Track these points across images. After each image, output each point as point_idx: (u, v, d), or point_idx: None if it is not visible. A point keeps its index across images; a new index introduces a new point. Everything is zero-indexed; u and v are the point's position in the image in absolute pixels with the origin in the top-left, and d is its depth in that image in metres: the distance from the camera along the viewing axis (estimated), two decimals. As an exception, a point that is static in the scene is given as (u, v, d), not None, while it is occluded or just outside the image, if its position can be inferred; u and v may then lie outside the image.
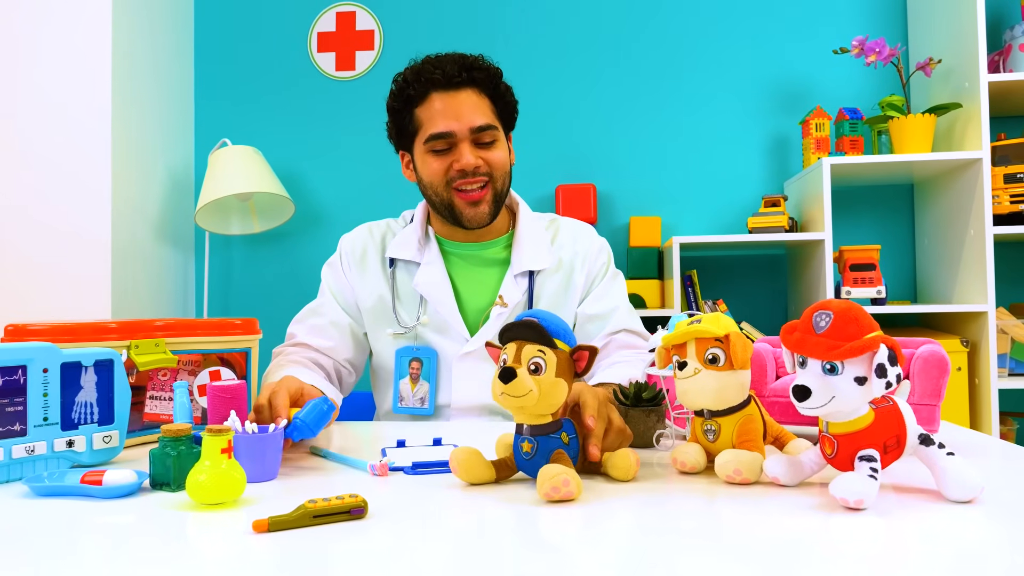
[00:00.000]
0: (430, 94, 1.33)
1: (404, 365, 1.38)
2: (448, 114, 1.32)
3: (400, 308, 1.41)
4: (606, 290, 1.45)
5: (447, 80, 1.32)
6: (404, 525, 0.71)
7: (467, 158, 1.32)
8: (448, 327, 1.38)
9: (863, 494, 0.71)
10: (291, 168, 2.86)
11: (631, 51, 2.79)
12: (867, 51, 2.36)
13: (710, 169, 2.74)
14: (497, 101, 1.38)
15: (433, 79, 1.32)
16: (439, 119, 1.32)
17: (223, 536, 0.69)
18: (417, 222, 1.45)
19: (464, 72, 1.33)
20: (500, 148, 1.38)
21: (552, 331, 0.83)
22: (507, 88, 1.40)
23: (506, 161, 1.39)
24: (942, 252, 2.46)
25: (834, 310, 0.75)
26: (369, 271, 1.43)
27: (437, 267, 1.40)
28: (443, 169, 1.34)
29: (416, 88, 1.34)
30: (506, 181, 1.40)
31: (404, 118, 1.37)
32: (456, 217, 1.37)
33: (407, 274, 1.42)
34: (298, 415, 0.95)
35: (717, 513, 0.75)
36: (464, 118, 1.32)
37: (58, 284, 2.36)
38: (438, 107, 1.33)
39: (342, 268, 1.45)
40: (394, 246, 1.43)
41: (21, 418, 0.88)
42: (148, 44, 2.64)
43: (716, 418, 0.86)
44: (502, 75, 1.40)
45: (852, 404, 0.74)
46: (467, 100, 1.33)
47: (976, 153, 2.22)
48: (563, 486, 0.76)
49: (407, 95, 1.35)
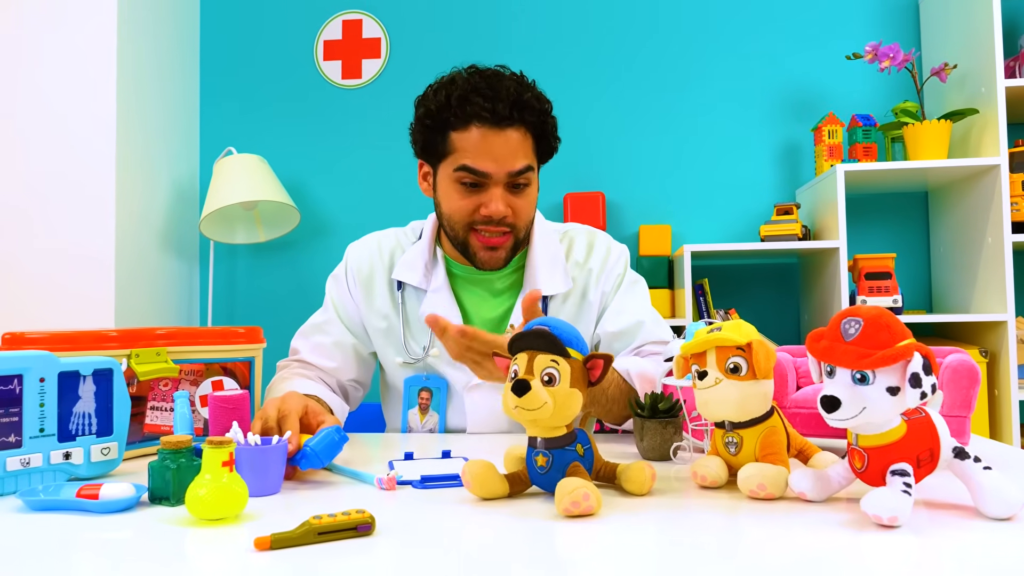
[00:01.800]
0: (472, 124, 1.21)
1: (413, 395, 1.32)
2: (488, 154, 1.21)
3: (409, 337, 1.33)
4: (625, 302, 1.36)
5: (495, 117, 1.20)
6: (414, 542, 0.68)
7: (496, 205, 1.22)
8: None
9: (897, 511, 0.67)
10: (297, 177, 2.84)
11: (640, 58, 2.77)
12: (880, 57, 2.33)
13: (721, 177, 2.71)
14: (541, 142, 1.28)
15: (480, 115, 1.20)
16: (477, 156, 1.21)
17: (224, 553, 0.66)
18: (426, 241, 1.36)
19: (515, 112, 1.21)
20: (531, 192, 1.28)
21: (565, 340, 0.80)
22: (554, 126, 1.30)
23: (534, 206, 1.30)
24: (959, 260, 2.42)
25: (864, 316, 0.71)
26: (376, 292, 1.36)
27: (444, 295, 1.32)
28: (469, 209, 1.24)
29: (458, 114, 1.21)
30: (529, 227, 1.31)
31: (436, 136, 1.25)
32: (470, 257, 1.29)
33: (416, 300, 1.34)
34: (309, 443, 0.91)
35: (740, 529, 0.71)
36: (504, 161, 1.21)
37: (61, 293, 2.35)
38: (477, 141, 1.21)
39: (347, 285, 1.38)
40: (401, 267, 1.34)
41: (16, 429, 0.85)
42: (153, 52, 2.63)
43: (738, 430, 0.83)
44: (551, 109, 1.29)
45: (884, 415, 0.70)
46: (510, 141, 1.21)
47: (993, 159, 2.19)
48: (583, 500, 0.72)
49: (446, 117, 1.22)
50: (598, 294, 1.36)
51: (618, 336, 1.33)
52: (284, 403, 1.00)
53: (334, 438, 0.91)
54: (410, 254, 1.36)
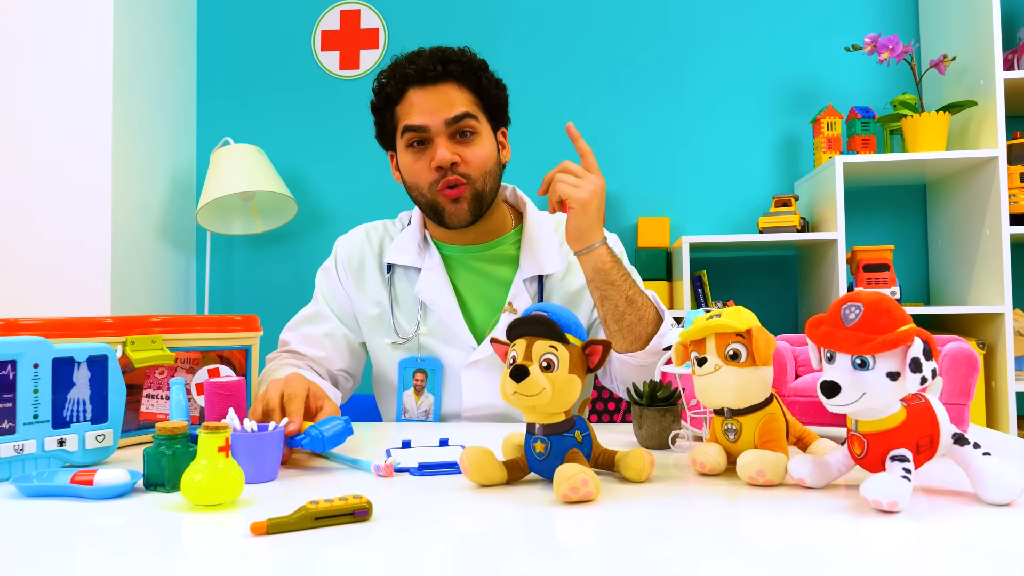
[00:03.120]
0: (407, 90, 1.27)
1: (408, 377, 1.32)
2: (424, 109, 1.26)
3: (400, 316, 1.34)
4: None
5: (421, 75, 1.26)
6: (411, 528, 0.67)
7: (442, 153, 1.24)
8: (453, 335, 1.31)
9: (897, 496, 0.67)
10: (294, 167, 2.83)
11: (639, 50, 2.75)
12: (880, 48, 2.32)
13: (719, 169, 2.70)
14: (482, 95, 1.30)
15: (407, 75, 1.26)
16: (413, 114, 1.26)
17: (219, 539, 0.65)
18: (415, 225, 1.38)
19: (440, 65, 1.26)
20: (481, 143, 1.29)
21: (563, 325, 0.80)
22: (493, 81, 1.32)
23: (488, 158, 1.29)
24: (957, 252, 2.41)
25: (864, 302, 0.71)
26: (367, 280, 1.37)
27: (438, 273, 1.33)
28: (423, 169, 1.27)
29: (393, 85, 1.28)
30: (488, 179, 1.30)
31: (385, 117, 1.32)
32: (440, 217, 1.29)
33: (406, 280, 1.35)
34: (316, 426, 0.90)
35: (739, 516, 0.71)
36: (438, 112, 1.25)
37: (57, 283, 2.33)
38: (413, 102, 1.27)
39: (338, 276, 1.39)
40: (392, 251, 1.36)
41: (10, 415, 0.84)
42: (150, 41, 2.61)
43: (737, 417, 0.82)
44: (486, 67, 1.32)
45: (884, 401, 0.70)
46: (444, 94, 1.26)
47: (992, 151, 2.18)
48: (582, 486, 0.72)
49: (386, 93, 1.30)
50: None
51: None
52: (288, 385, 1.00)
53: (340, 427, 0.90)
54: (401, 239, 1.38)
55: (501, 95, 1.34)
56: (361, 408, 1.65)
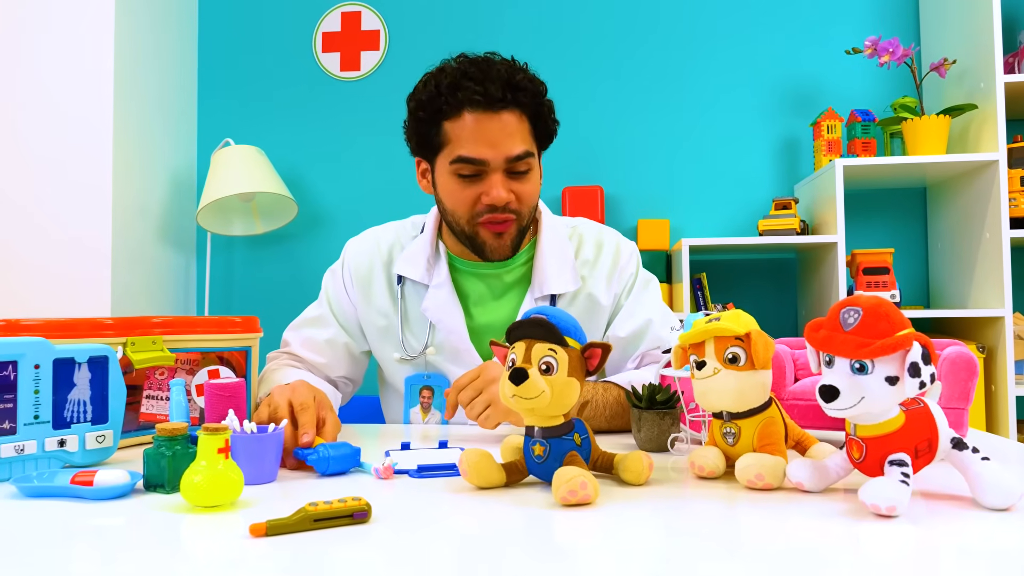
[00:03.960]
0: (464, 111, 1.17)
1: (415, 394, 1.30)
2: (483, 140, 1.17)
3: (408, 333, 1.31)
4: (636, 305, 1.32)
5: (488, 101, 1.16)
6: (410, 529, 0.68)
7: (498, 192, 1.18)
8: (460, 354, 1.28)
9: (895, 500, 0.67)
10: (294, 169, 2.83)
11: (639, 51, 2.76)
12: (880, 51, 2.32)
13: (719, 171, 2.70)
14: (537, 124, 1.23)
15: (473, 99, 1.16)
16: (472, 143, 1.17)
17: (218, 540, 0.65)
18: (428, 235, 1.32)
19: (508, 93, 1.17)
20: (533, 178, 1.24)
21: (563, 328, 0.80)
22: (550, 108, 1.25)
23: (536, 191, 1.26)
24: (957, 256, 2.41)
25: (863, 306, 0.71)
26: (375, 291, 1.32)
27: (446, 290, 1.28)
28: (470, 200, 1.20)
29: (450, 101, 1.17)
30: (532, 213, 1.27)
31: (430, 129, 1.21)
32: (477, 250, 1.25)
33: (416, 295, 1.31)
34: (327, 446, 0.88)
35: (738, 519, 0.71)
36: (501, 146, 1.17)
37: (58, 284, 2.34)
38: (472, 128, 1.17)
39: (344, 283, 1.35)
40: (402, 262, 1.31)
41: (10, 416, 0.84)
42: (151, 42, 2.62)
43: (736, 420, 0.82)
44: (546, 91, 1.24)
45: (883, 405, 0.70)
46: (506, 125, 1.17)
47: (992, 155, 2.18)
48: (580, 489, 0.72)
49: (438, 107, 1.18)
50: (610, 297, 1.32)
51: (629, 341, 1.31)
52: (295, 393, 0.99)
53: (349, 454, 0.88)
54: (411, 248, 1.32)
55: (553, 125, 1.27)
56: (365, 409, 1.65)
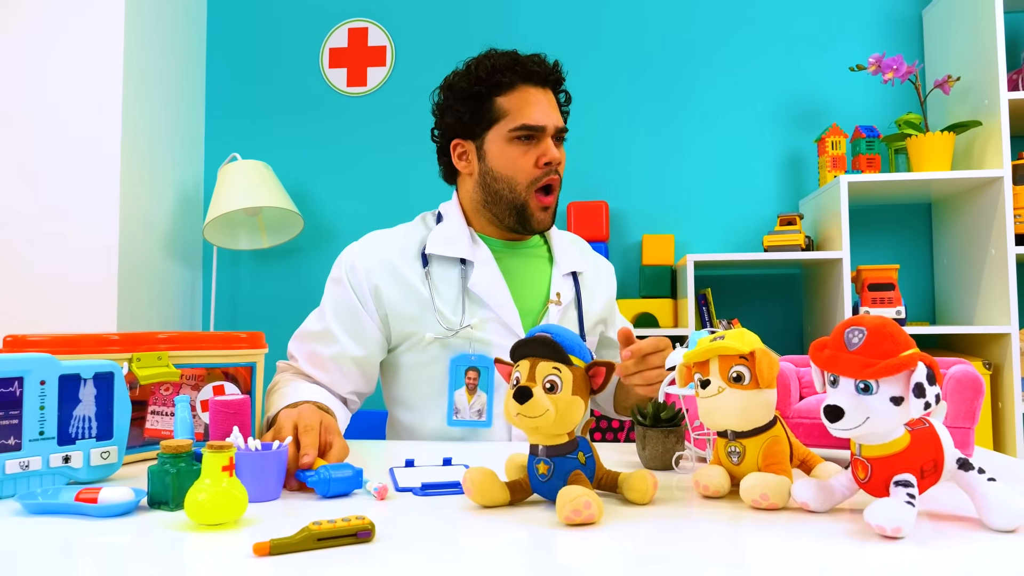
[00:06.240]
0: (518, 85, 1.32)
1: (460, 375, 1.28)
2: (542, 108, 1.32)
3: (444, 310, 1.30)
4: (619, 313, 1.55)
5: (543, 76, 1.33)
6: (414, 549, 0.67)
7: (554, 152, 1.32)
8: (506, 329, 1.30)
9: (901, 521, 0.66)
10: (301, 183, 2.84)
11: (644, 68, 2.77)
12: (884, 68, 2.33)
13: (724, 187, 2.71)
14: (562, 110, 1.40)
15: (531, 72, 1.32)
16: (533, 111, 1.31)
17: (223, 559, 0.65)
18: (458, 218, 1.38)
19: (555, 74, 1.35)
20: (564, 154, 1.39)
21: (567, 347, 0.80)
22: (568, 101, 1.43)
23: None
24: (962, 272, 2.41)
25: (868, 326, 0.71)
26: (398, 280, 1.31)
27: (491, 266, 1.33)
28: (531, 163, 1.32)
29: (508, 76, 1.31)
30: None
31: (482, 104, 1.33)
32: (524, 219, 1.34)
33: (445, 273, 1.32)
34: (328, 468, 0.87)
35: (742, 539, 0.71)
36: (552, 116, 1.33)
37: (64, 297, 2.34)
38: (531, 99, 1.32)
39: (352, 288, 1.32)
40: (436, 242, 1.33)
41: (16, 432, 0.85)
42: (159, 57, 2.64)
43: (740, 439, 0.82)
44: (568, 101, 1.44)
45: (887, 425, 0.70)
46: (552, 99, 1.35)
47: (997, 171, 2.18)
48: (584, 508, 0.72)
49: (496, 80, 1.31)
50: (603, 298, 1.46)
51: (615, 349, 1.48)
52: (302, 417, 0.99)
53: (351, 476, 0.87)
54: (443, 232, 1.35)
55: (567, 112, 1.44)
56: (366, 424, 1.65)
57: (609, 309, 1.49)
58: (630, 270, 2.70)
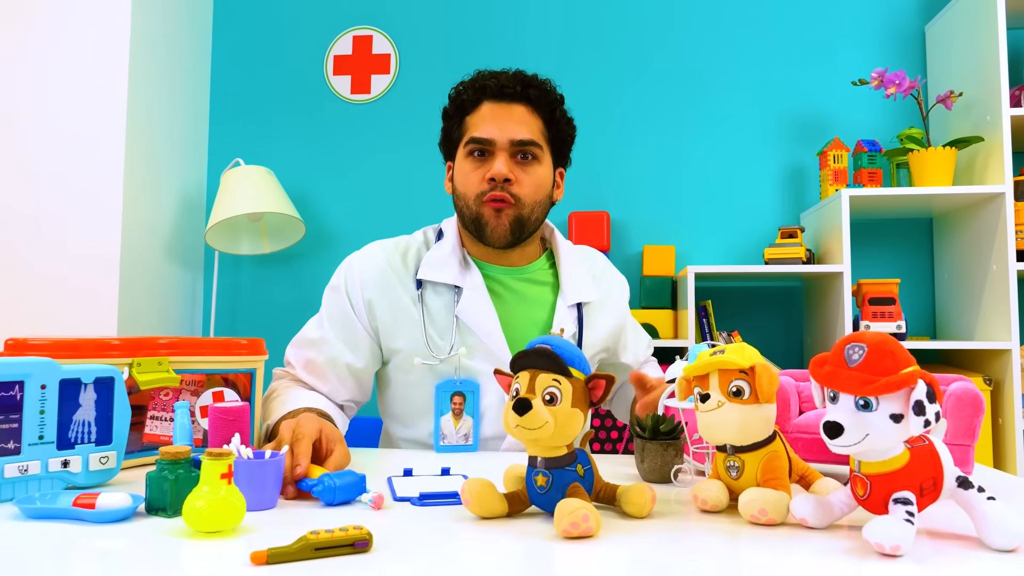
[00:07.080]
0: (482, 102, 1.31)
1: (445, 400, 1.27)
2: (493, 122, 1.29)
3: (434, 335, 1.30)
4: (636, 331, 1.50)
5: (499, 90, 1.30)
6: (411, 559, 0.67)
7: (499, 167, 1.27)
8: (493, 357, 1.29)
9: (900, 539, 0.66)
10: (303, 189, 2.85)
11: (647, 79, 2.78)
12: (887, 83, 2.34)
13: (725, 199, 2.71)
14: (551, 127, 1.34)
15: (486, 86, 1.31)
16: (483, 125, 1.30)
17: (219, 567, 0.65)
18: (453, 242, 1.35)
19: (519, 86, 1.31)
20: (538, 171, 1.31)
21: (567, 359, 0.80)
22: (566, 117, 1.37)
23: (541, 187, 1.32)
24: (963, 287, 2.41)
25: (868, 342, 0.71)
26: (393, 298, 1.31)
27: (481, 293, 1.31)
28: (477, 179, 1.29)
29: (469, 95, 1.32)
30: (536, 210, 1.32)
31: (454, 125, 1.35)
32: (481, 230, 1.30)
33: (438, 298, 1.31)
34: (331, 475, 0.87)
35: (740, 554, 0.70)
36: (507, 129, 1.29)
37: (65, 300, 2.35)
38: (485, 115, 1.30)
39: (350, 298, 1.32)
40: (428, 267, 1.32)
41: (15, 435, 0.85)
42: (164, 62, 2.65)
43: (740, 454, 0.82)
44: (562, 101, 1.36)
45: (887, 443, 0.70)
46: (516, 114, 1.30)
47: (998, 187, 2.19)
48: (582, 522, 0.72)
49: (461, 101, 1.33)
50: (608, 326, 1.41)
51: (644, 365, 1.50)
52: (299, 426, 0.99)
53: (355, 482, 0.87)
54: (436, 254, 1.34)
55: (570, 132, 1.38)
56: (362, 432, 1.65)
57: (615, 337, 1.44)
58: (631, 281, 2.69)
